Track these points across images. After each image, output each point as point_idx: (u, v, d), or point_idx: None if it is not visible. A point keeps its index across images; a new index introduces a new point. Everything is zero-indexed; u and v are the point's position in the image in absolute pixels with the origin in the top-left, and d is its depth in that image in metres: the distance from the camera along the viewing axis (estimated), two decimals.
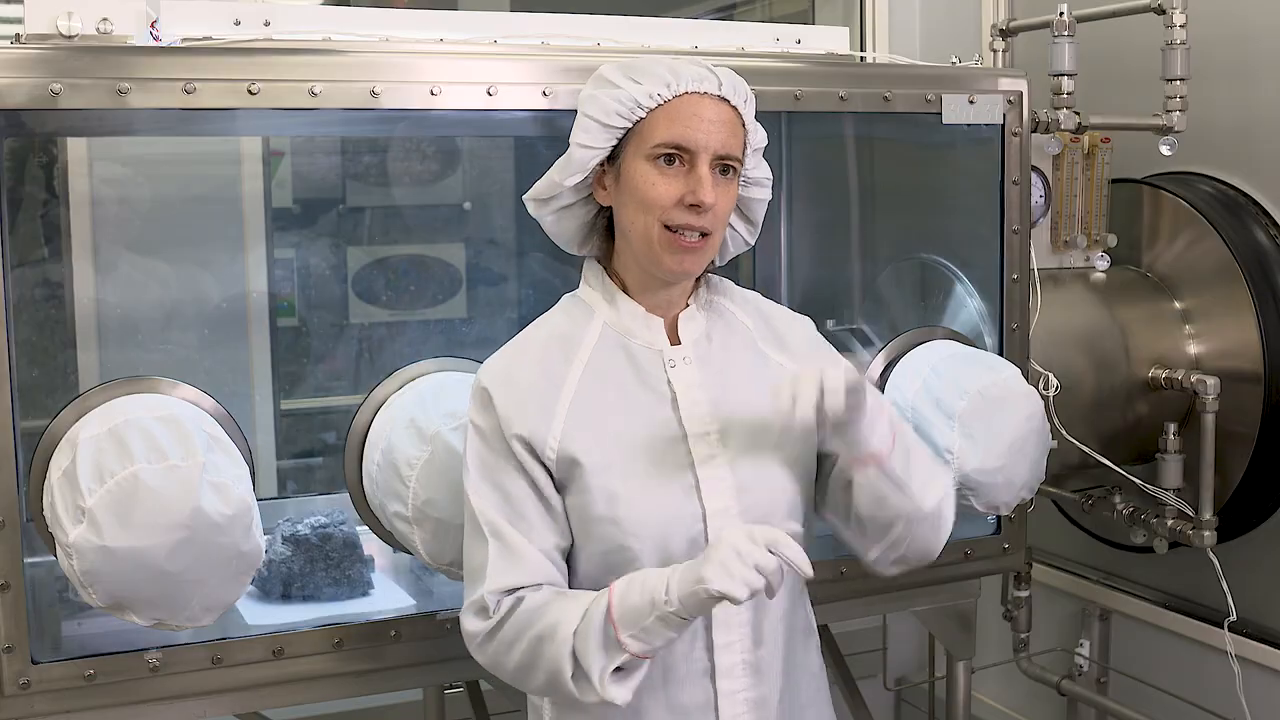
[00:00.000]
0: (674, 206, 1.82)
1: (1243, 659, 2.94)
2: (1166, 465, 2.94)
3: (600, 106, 1.85)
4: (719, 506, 1.84)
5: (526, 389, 1.86)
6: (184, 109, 2.05)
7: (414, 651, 2.28)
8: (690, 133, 1.82)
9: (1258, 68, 2.99)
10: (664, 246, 1.84)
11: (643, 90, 1.83)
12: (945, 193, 2.89)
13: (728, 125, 1.85)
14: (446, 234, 3.18)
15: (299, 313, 3.00)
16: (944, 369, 2.52)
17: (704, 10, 4.25)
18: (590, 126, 1.86)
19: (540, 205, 1.95)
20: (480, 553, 1.84)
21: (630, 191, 1.85)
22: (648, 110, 1.84)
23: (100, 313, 2.69)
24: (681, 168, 1.83)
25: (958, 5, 3.66)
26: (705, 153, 1.82)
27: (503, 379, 1.87)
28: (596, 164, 1.88)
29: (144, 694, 2.11)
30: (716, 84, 1.85)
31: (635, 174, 1.84)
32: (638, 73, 1.85)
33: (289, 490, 2.95)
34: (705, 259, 1.88)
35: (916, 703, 3.89)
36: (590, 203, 1.93)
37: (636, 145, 1.84)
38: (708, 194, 1.81)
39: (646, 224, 1.84)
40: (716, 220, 1.85)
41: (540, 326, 1.96)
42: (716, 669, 1.86)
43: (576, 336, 1.91)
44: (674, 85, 1.83)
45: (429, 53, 2.26)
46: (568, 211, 1.94)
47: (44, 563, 2.18)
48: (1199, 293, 3.05)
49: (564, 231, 1.97)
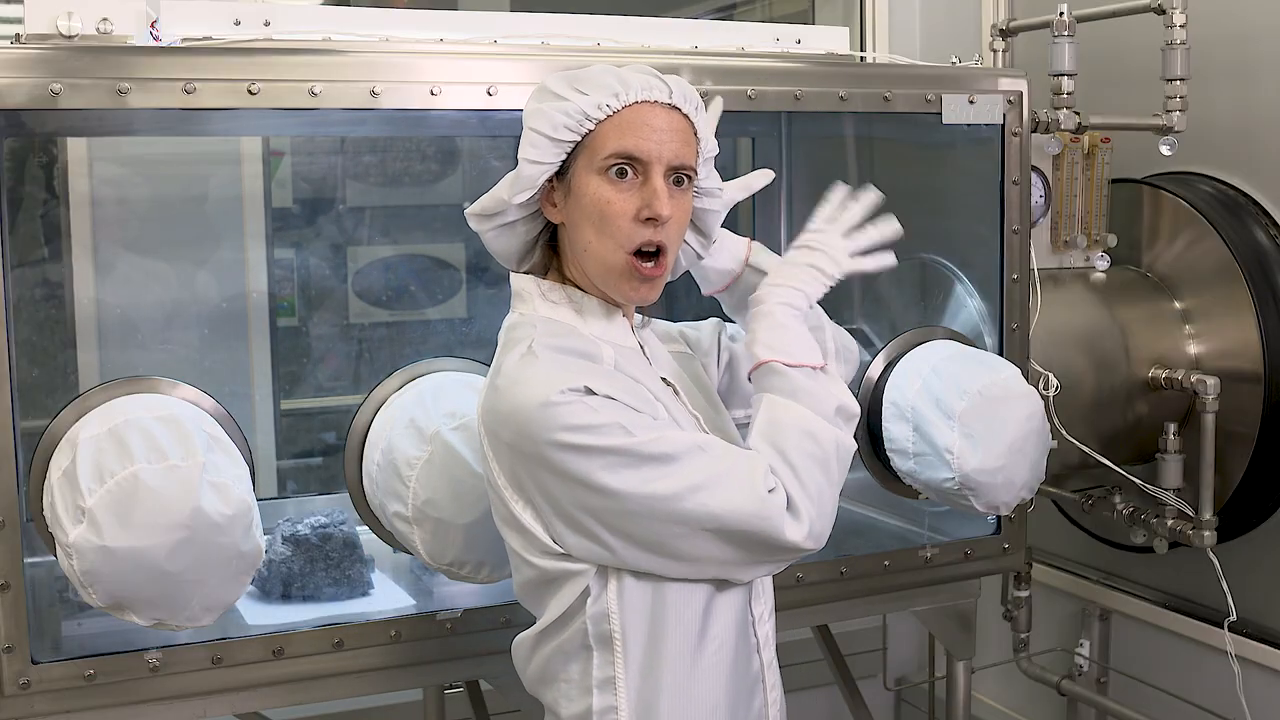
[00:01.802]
0: (630, 222, 1.77)
1: (1243, 659, 2.94)
2: (1166, 465, 2.94)
3: (547, 120, 1.78)
4: None
5: (612, 387, 1.73)
6: (184, 109, 2.05)
7: (414, 651, 2.28)
8: (642, 143, 1.77)
9: (1258, 68, 2.99)
10: (624, 275, 1.79)
11: (590, 101, 1.78)
12: (945, 193, 2.89)
13: (680, 134, 1.80)
14: (446, 234, 3.18)
15: (299, 313, 3.00)
16: (944, 369, 2.52)
17: (704, 10, 4.25)
18: (538, 141, 1.79)
19: (483, 221, 1.87)
20: (719, 466, 1.73)
21: (583, 209, 1.79)
22: (596, 122, 1.78)
23: (100, 313, 2.70)
24: (635, 180, 1.77)
25: (958, 5, 3.66)
26: (659, 163, 1.77)
27: (585, 379, 1.72)
28: (545, 180, 1.82)
29: (144, 694, 2.11)
30: (667, 92, 1.80)
31: (588, 189, 1.78)
32: (584, 83, 1.80)
33: (289, 490, 2.95)
34: (662, 285, 1.83)
35: (916, 703, 3.89)
36: (536, 219, 1.88)
37: (587, 159, 1.79)
38: (664, 206, 1.76)
39: (606, 249, 1.78)
40: (671, 235, 1.79)
41: (543, 347, 1.78)
42: (760, 642, 1.90)
43: (591, 354, 1.81)
44: (623, 95, 1.78)
45: (429, 53, 2.26)
46: (510, 228, 1.87)
47: (44, 563, 2.19)
48: (1199, 293, 3.05)
49: (505, 248, 1.90)
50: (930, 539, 2.73)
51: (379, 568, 2.49)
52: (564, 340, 1.81)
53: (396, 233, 3.13)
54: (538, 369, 1.74)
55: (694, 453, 1.73)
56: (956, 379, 2.48)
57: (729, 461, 1.75)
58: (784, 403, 1.81)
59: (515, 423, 1.73)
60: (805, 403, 1.81)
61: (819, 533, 1.78)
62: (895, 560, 2.62)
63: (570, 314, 1.86)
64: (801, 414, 1.80)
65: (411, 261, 3.14)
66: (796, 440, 1.78)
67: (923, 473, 2.49)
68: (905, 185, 3.04)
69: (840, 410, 1.84)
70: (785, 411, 1.80)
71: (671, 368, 1.97)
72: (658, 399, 1.83)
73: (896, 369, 2.58)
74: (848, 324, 2.98)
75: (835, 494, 1.81)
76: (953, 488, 2.45)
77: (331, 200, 3.05)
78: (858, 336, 2.93)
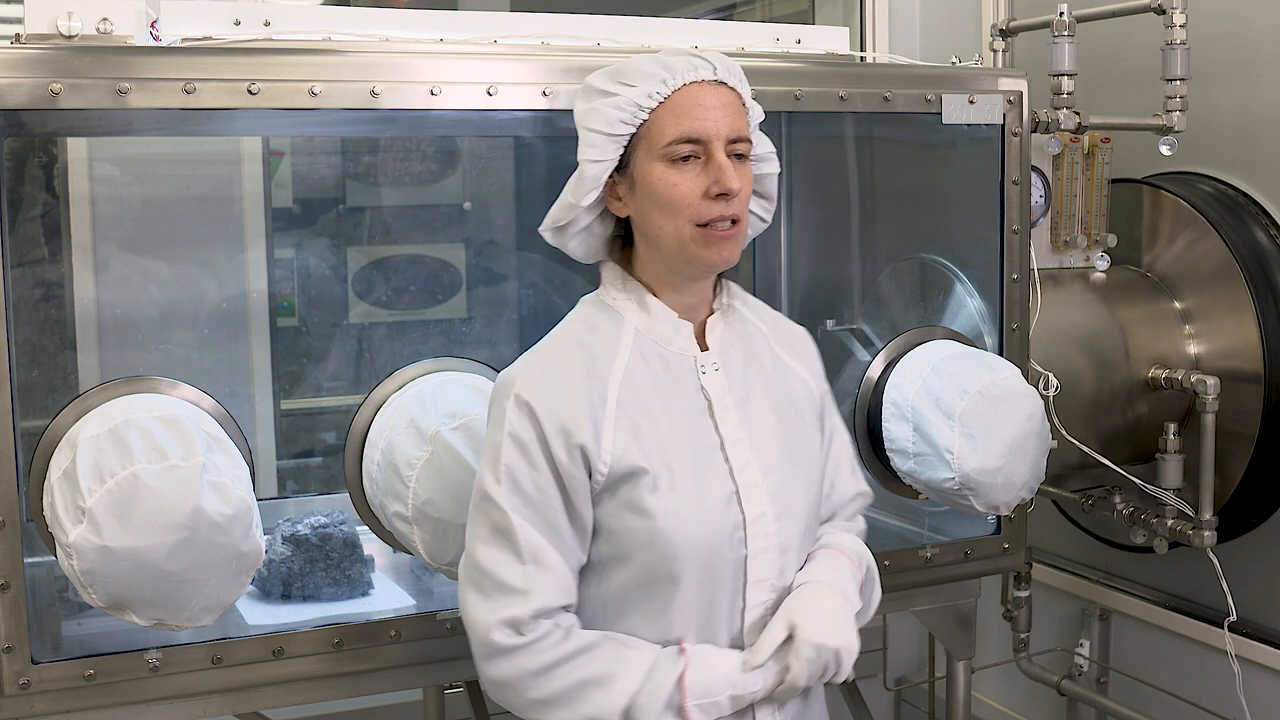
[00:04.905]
0: (701, 201, 1.80)
1: (1243, 659, 2.94)
2: (1166, 465, 2.94)
3: (602, 118, 1.82)
4: (757, 513, 1.85)
5: (572, 399, 1.80)
6: (184, 109, 2.05)
7: (414, 651, 2.28)
8: (698, 123, 1.80)
9: (1258, 68, 3.00)
10: (699, 243, 1.81)
11: (640, 92, 1.81)
12: (945, 193, 2.89)
13: (731, 107, 1.83)
14: (446, 234, 3.17)
15: (299, 313, 3.00)
16: (944, 369, 2.52)
17: (704, 10, 4.26)
18: (596, 140, 1.83)
19: (558, 233, 1.91)
20: (512, 566, 1.78)
21: (651, 197, 1.82)
22: (649, 111, 1.81)
23: (100, 313, 2.69)
24: (698, 161, 1.81)
25: (958, 5, 3.66)
26: (718, 140, 1.80)
27: (546, 389, 1.81)
28: (606, 176, 1.85)
29: (144, 694, 2.11)
30: (711, 69, 1.83)
31: (652, 177, 1.81)
32: (629, 75, 1.83)
33: (289, 490, 2.95)
34: (741, 245, 1.86)
35: (916, 703, 3.89)
36: (605, 217, 1.90)
37: (646, 148, 1.82)
38: (733, 180, 1.79)
39: (677, 226, 1.81)
40: (742, 204, 1.83)
41: (567, 334, 1.89)
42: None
43: (609, 344, 1.86)
44: (670, 80, 1.81)
45: (429, 53, 2.26)
46: (586, 231, 1.91)
47: (44, 563, 2.19)
48: (1199, 293, 3.05)
49: (587, 252, 1.93)
50: (930, 539, 2.73)
51: (379, 568, 2.49)
52: (584, 336, 1.87)
53: (396, 233, 3.13)
54: (531, 356, 1.87)
55: (498, 534, 1.80)
56: (956, 379, 2.48)
57: (509, 576, 1.78)
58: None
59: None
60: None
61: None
62: (895, 560, 2.62)
63: (633, 306, 1.88)
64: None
65: (411, 261, 3.14)
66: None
67: (923, 473, 2.49)
68: (905, 185, 3.06)
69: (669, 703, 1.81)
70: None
71: (735, 384, 1.91)
72: (667, 413, 1.84)
73: (896, 369, 2.58)
74: (848, 324, 2.99)
75: (549, 709, 1.82)
76: (953, 488, 2.45)
77: (331, 200, 3.05)
78: (858, 336, 2.94)
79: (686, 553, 1.80)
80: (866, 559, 2.02)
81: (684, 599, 1.82)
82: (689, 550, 1.80)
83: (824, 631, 1.82)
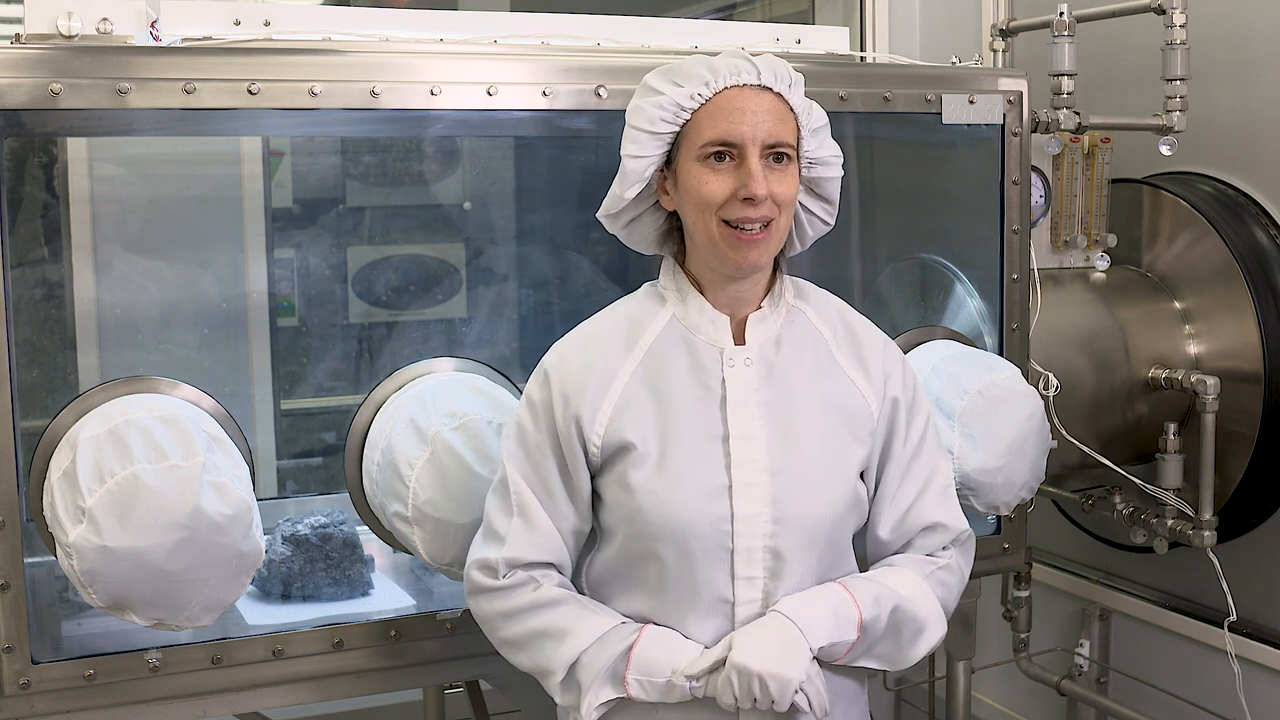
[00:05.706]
0: (728, 202, 1.83)
1: (1243, 659, 2.94)
2: (1166, 465, 2.94)
3: (645, 115, 1.87)
4: (749, 511, 1.85)
5: (582, 372, 1.90)
6: (184, 109, 2.05)
7: (414, 651, 2.28)
8: (734, 127, 1.83)
9: (1258, 68, 3.00)
10: (726, 242, 1.85)
11: (683, 93, 1.85)
12: (945, 193, 2.89)
13: (773, 113, 1.85)
14: (446, 234, 3.17)
15: (299, 313, 3.00)
16: (944, 369, 2.52)
17: (704, 10, 4.26)
18: (638, 137, 1.88)
19: (611, 221, 1.97)
20: (502, 517, 1.91)
21: (688, 194, 1.87)
22: (691, 112, 1.85)
23: (100, 313, 2.69)
24: (732, 163, 1.84)
25: (958, 5, 3.66)
26: (752, 144, 1.83)
27: (562, 360, 1.93)
28: (655, 171, 1.90)
29: (144, 694, 2.11)
30: (755, 74, 1.85)
31: (689, 176, 1.86)
32: (679, 75, 1.87)
33: (289, 490, 2.94)
34: (770, 249, 1.88)
35: (916, 703, 3.89)
36: (659, 210, 1.95)
37: (687, 148, 1.86)
38: (760, 186, 1.81)
39: (707, 223, 1.85)
40: (778, 208, 1.85)
41: (612, 311, 1.99)
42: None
43: (644, 324, 1.94)
44: (713, 82, 1.84)
45: (429, 53, 2.26)
46: (638, 221, 1.96)
47: (44, 563, 2.19)
48: (1199, 293, 3.05)
49: (641, 240, 1.99)
50: None
51: (379, 568, 2.49)
52: (626, 315, 1.96)
53: (396, 233, 3.13)
54: (576, 329, 1.98)
55: (502, 486, 1.93)
56: (956, 379, 2.48)
57: (499, 524, 1.91)
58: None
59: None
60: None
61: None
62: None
63: (675, 295, 1.94)
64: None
65: (411, 261, 3.13)
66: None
67: None
68: (905, 185, 3.05)
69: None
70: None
71: (765, 382, 1.91)
72: (680, 398, 1.88)
73: None
74: None
75: (511, 650, 1.95)
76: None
77: (331, 200, 3.05)
78: None
79: (661, 532, 1.84)
80: (891, 602, 1.90)
81: (667, 580, 1.86)
82: (664, 530, 1.84)
83: (753, 657, 1.79)
